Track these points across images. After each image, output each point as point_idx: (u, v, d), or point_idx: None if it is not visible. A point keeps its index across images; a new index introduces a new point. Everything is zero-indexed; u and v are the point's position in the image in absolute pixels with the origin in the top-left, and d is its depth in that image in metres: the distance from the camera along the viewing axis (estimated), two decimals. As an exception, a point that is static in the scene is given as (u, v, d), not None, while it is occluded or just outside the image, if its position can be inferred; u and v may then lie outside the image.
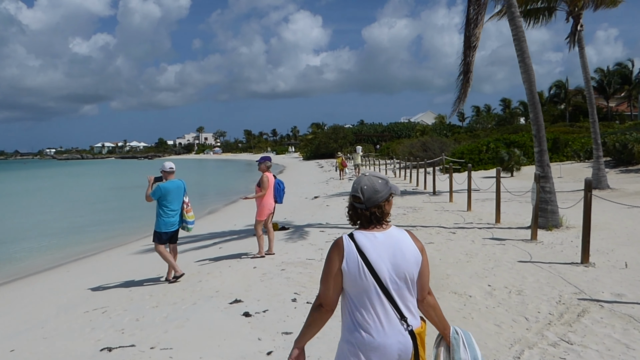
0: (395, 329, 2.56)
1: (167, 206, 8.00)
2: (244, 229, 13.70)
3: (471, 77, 11.20)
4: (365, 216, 2.64)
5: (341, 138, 72.06)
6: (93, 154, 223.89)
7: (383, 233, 2.62)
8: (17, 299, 8.95)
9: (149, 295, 7.28)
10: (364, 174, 2.75)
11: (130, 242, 15.50)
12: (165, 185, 8.01)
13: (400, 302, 2.59)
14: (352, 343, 2.58)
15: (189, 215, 8.17)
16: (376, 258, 2.56)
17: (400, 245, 2.61)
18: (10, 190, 47.72)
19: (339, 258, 2.58)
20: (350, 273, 2.55)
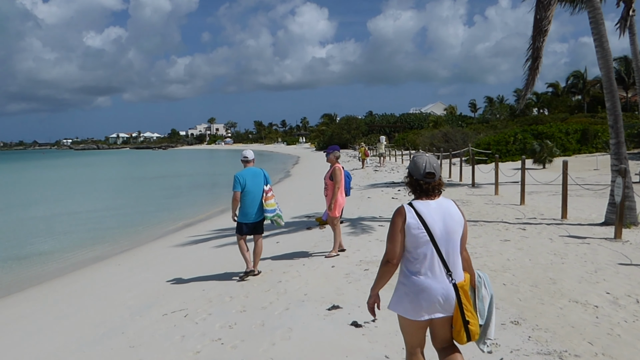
0: (441, 278, 3.15)
1: (245, 196, 7.42)
2: (291, 221, 12.95)
3: (540, 64, 10.33)
4: (426, 188, 3.23)
5: (354, 129, 71.15)
6: (108, 144, 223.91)
7: (435, 201, 3.23)
8: (76, 295, 8.26)
9: (228, 296, 6.55)
10: (423, 153, 3.22)
11: (170, 234, 14.81)
12: (242, 174, 7.49)
13: (447, 258, 3.17)
14: (406, 285, 3.20)
15: (267, 203, 7.49)
16: (431, 221, 3.15)
17: (450, 210, 3.22)
18: (38, 178, 47.22)
19: (401, 221, 3.17)
20: (410, 233, 3.14)
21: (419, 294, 3.15)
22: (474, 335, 3.27)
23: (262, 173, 7.65)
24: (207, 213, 19.18)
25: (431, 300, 3.15)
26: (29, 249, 14.13)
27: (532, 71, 10.54)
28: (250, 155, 7.75)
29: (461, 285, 3.20)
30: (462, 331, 3.24)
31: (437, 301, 3.15)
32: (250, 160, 7.69)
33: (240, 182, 7.41)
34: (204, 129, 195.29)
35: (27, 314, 7.56)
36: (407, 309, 3.20)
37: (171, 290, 7.39)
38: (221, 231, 13.30)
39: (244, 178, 7.44)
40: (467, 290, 3.23)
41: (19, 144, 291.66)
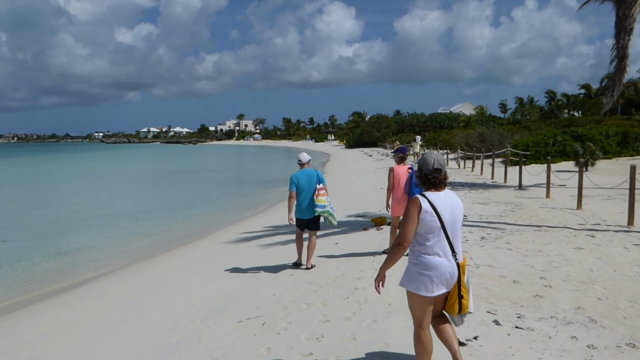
0: (448, 258, 3.59)
1: (299, 194, 7.99)
2: (344, 221, 12.53)
3: (627, 63, 9.67)
4: (434, 181, 3.67)
5: (384, 127, 70.37)
6: (139, 139, 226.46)
7: (443, 193, 3.69)
8: (135, 295, 7.96)
9: (304, 303, 6.14)
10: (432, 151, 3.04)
11: (217, 231, 14.52)
12: (296, 175, 8.06)
13: (453, 241, 3.61)
14: (419, 265, 3.61)
15: (318, 199, 7.91)
16: (442, 209, 3.58)
17: (455, 201, 3.69)
18: (74, 171, 47.72)
19: (417, 210, 3.57)
20: (426, 219, 3.55)
21: (432, 273, 3.59)
22: (464, 308, 3.78)
23: (315, 174, 8.11)
24: (251, 209, 18.90)
25: (441, 277, 3.60)
26: (73, 243, 13.99)
27: (619, 71, 9.91)
28: (305, 158, 8.26)
29: (462, 265, 3.68)
30: (456, 304, 3.73)
31: (445, 278, 3.61)
32: (304, 162, 8.21)
33: (295, 182, 7.98)
34: (232, 124, 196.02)
35: (89, 315, 7.27)
36: (419, 286, 3.62)
37: (238, 293, 7.02)
38: (272, 229, 12.96)
39: (298, 178, 7.99)
40: (465, 269, 3.71)
41: (51, 137, 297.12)
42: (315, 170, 8.22)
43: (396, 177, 8.32)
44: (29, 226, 17.26)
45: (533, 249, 8.35)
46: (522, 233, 9.74)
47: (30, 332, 6.80)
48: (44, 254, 12.69)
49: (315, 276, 7.38)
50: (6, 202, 24.81)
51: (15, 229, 16.83)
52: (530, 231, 9.95)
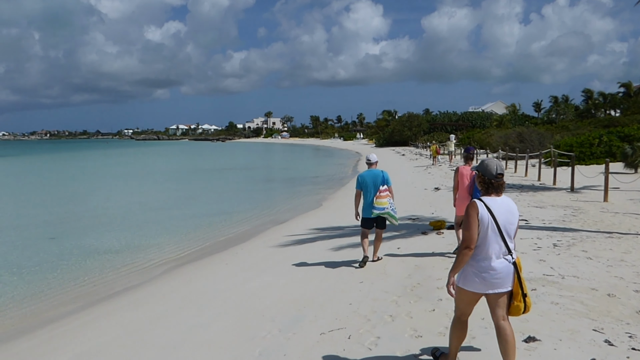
0: (504, 258, 3.85)
1: (364, 194, 8.25)
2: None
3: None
4: (496, 186, 3.91)
5: (415, 126, 69.59)
6: (168, 136, 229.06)
7: (500, 198, 3.92)
8: (198, 298, 7.70)
9: (387, 315, 5.79)
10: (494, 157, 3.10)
11: (263, 231, 14.27)
12: (362, 174, 8.36)
13: (509, 242, 3.86)
14: (476, 267, 3.87)
15: (377, 201, 8.10)
16: (497, 213, 3.84)
17: (510, 206, 3.93)
18: (111, 168, 48.25)
19: (476, 214, 3.83)
20: (482, 223, 3.81)
21: (487, 274, 3.81)
22: (528, 307, 3.91)
23: (381, 174, 8.26)
24: (292, 210, 18.64)
25: (496, 278, 3.81)
26: (121, 242, 13.88)
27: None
28: (373, 158, 8.51)
29: (518, 262, 3.89)
30: (521, 304, 3.86)
31: (499, 277, 3.81)
32: (372, 163, 8.44)
33: (360, 182, 8.31)
34: (260, 122, 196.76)
35: (155, 319, 7.04)
36: (473, 284, 3.87)
37: (309, 301, 6.71)
38: (318, 231, 12.68)
39: (364, 178, 8.27)
40: (521, 267, 3.91)
41: (83, 133, 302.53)
42: (382, 171, 8.34)
43: (460, 176, 8.33)
44: (74, 223, 17.30)
45: (614, 258, 7.86)
46: (594, 240, 9.23)
47: (97, 337, 6.60)
48: (93, 252, 12.61)
49: (389, 284, 7.04)
50: (50, 198, 25.04)
51: (62, 225, 16.86)
52: (602, 238, 9.43)
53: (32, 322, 8.02)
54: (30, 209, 21.02)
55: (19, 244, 13.88)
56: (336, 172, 35.98)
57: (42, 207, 21.80)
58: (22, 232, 15.81)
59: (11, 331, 7.76)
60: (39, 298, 9.33)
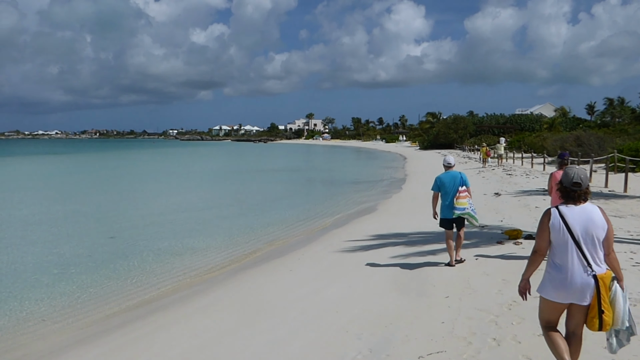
0: (580, 270, 3.68)
1: (442, 195, 8.42)
2: (469, 232, 11.52)
3: None
4: (573, 195, 3.80)
5: (461, 128, 68.16)
6: (211, 136, 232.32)
7: (579, 207, 3.78)
8: (269, 309, 7.28)
9: (490, 337, 5.21)
10: (574, 165, 3.95)
11: (323, 235, 13.81)
12: (440, 176, 8.49)
13: (587, 253, 3.69)
14: (550, 273, 3.84)
15: (458, 201, 8.23)
16: (572, 222, 3.73)
17: (591, 215, 3.75)
18: (161, 168, 48.90)
19: (547, 220, 3.81)
20: (554, 231, 3.77)
21: (560, 282, 3.73)
22: (605, 325, 3.70)
23: (459, 176, 8.44)
24: (346, 213, 18.16)
25: (568, 287, 3.70)
26: (177, 243, 13.67)
27: None
28: (452, 161, 8.70)
29: (601, 277, 3.66)
30: (595, 319, 3.69)
31: (575, 289, 3.69)
32: (451, 165, 8.60)
33: (438, 183, 8.45)
34: (302, 123, 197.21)
35: (228, 331, 6.63)
36: (549, 292, 3.82)
37: (394, 317, 6.19)
38: (382, 237, 12.13)
39: (442, 180, 8.41)
40: (606, 284, 3.67)
41: (130, 133, 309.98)
42: (460, 173, 8.54)
43: (554, 181, 8.10)
44: (129, 222, 17.29)
45: None
46: (695, 255, 8.40)
47: (171, 347, 6.26)
48: (153, 253, 12.44)
49: (480, 301, 6.45)
50: (102, 196, 25.32)
51: (119, 224, 16.86)
52: (703, 252, 8.58)
53: (100, 327, 7.79)
54: (86, 206, 21.23)
55: (79, 243, 13.87)
56: (384, 175, 35.30)
57: (97, 204, 22.01)
58: (81, 230, 15.87)
59: (79, 335, 7.54)
60: (105, 300, 9.14)
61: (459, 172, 8.58)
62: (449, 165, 8.57)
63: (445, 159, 8.76)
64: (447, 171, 8.52)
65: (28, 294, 9.46)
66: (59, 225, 16.78)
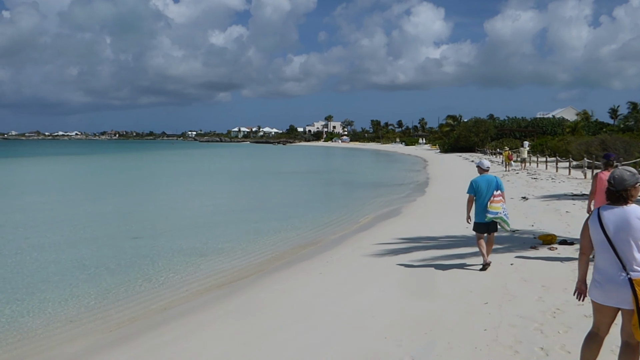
0: (615, 272, 3.66)
1: (477, 199, 8.38)
2: (500, 237, 11.29)
3: None
4: (615, 196, 3.77)
5: (482, 132, 67.42)
6: (230, 138, 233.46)
7: (621, 208, 3.74)
8: (303, 312, 7.15)
9: (537, 347, 5.02)
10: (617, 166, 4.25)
11: (350, 238, 13.66)
12: (476, 180, 8.45)
13: (623, 256, 3.63)
14: (594, 274, 3.86)
15: (491, 205, 8.22)
16: (607, 223, 3.72)
17: (627, 217, 3.67)
18: (183, 169, 49.18)
19: (587, 221, 3.90)
20: (592, 230, 3.83)
21: (599, 282, 3.77)
22: None
23: (495, 180, 8.46)
24: (370, 216, 17.99)
25: (606, 288, 3.71)
26: (204, 243, 13.64)
27: None
28: (486, 165, 8.62)
29: (637, 282, 3.56)
30: (636, 329, 3.57)
31: (611, 291, 3.68)
32: (485, 169, 8.56)
33: (474, 186, 8.40)
34: (321, 126, 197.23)
35: (262, 336, 6.48)
36: (592, 292, 3.87)
37: (431, 323, 6.02)
38: (410, 240, 11.94)
39: (478, 183, 8.38)
40: None
41: (149, 134, 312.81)
42: (495, 177, 8.57)
43: (599, 183, 8.17)
44: (152, 222, 17.33)
45: None
46: None
47: (204, 351, 6.17)
48: (179, 254, 12.40)
49: (522, 308, 6.26)
50: (124, 196, 25.49)
51: (141, 225, 16.91)
52: None
53: (128, 330, 7.72)
54: (108, 207, 21.38)
55: (103, 243, 13.90)
56: (406, 178, 35.01)
57: (119, 205, 22.15)
58: (104, 231, 15.92)
59: (107, 338, 7.47)
60: (132, 302, 9.09)
61: (494, 176, 8.64)
62: (485, 168, 8.53)
63: (481, 162, 8.72)
64: (482, 174, 8.51)
65: (53, 294, 9.45)
66: (82, 225, 16.87)
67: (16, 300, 9.14)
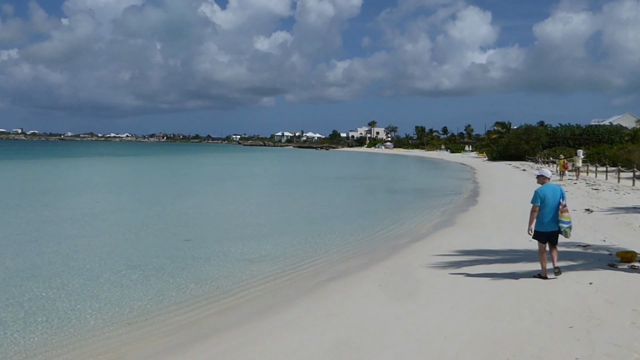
0: None
1: (542, 208, 8.31)
2: (562, 251, 10.61)
3: None
4: None
5: (533, 139, 65.35)
6: (273, 142, 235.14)
7: None
8: (367, 328, 6.75)
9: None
10: None
11: (403, 248, 13.15)
12: (542, 189, 8.43)
13: None
14: None
15: (564, 215, 8.25)
16: None
17: None
18: (234, 172, 49.63)
19: None
20: None
21: None
22: None
23: (559, 189, 8.48)
24: (423, 225, 17.41)
25: None
26: (257, 248, 13.40)
27: None
28: (549, 174, 8.77)
29: None
30: None
31: None
32: (548, 178, 8.67)
33: (540, 196, 8.35)
34: (364, 131, 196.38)
35: (326, 349, 6.14)
36: None
37: (516, 348, 5.50)
38: (471, 253, 11.38)
39: (544, 193, 8.35)
40: None
41: (195, 137, 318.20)
42: (559, 186, 8.60)
43: None
44: (202, 225, 17.28)
45: None
46: None
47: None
48: (231, 258, 12.21)
49: (616, 335, 5.67)
50: (172, 198, 25.66)
51: (192, 227, 16.89)
52: None
53: (187, 335, 7.50)
54: (158, 207, 21.52)
55: (156, 245, 13.87)
56: (455, 186, 34.10)
57: (169, 206, 22.26)
58: (157, 232, 15.96)
59: (166, 343, 7.27)
60: (188, 305, 8.91)
61: (558, 185, 8.77)
62: (549, 177, 8.68)
63: (544, 171, 8.83)
64: (546, 184, 8.55)
65: (110, 295, 9.39)
66: (134, 225, 16.97)
67: (73, 299, 9.11)
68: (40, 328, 7.77)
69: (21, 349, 7.04)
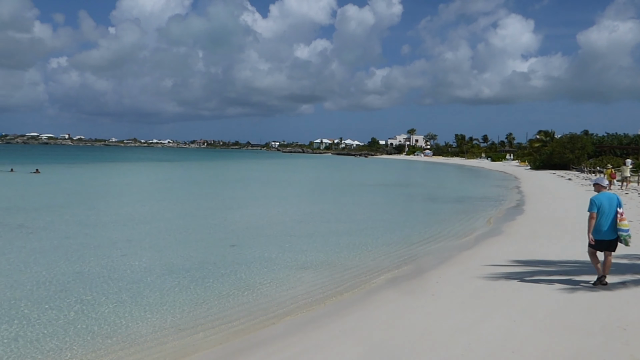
0: None
1: (599, 216, 8.33)
2: (626, 263, 10.07)
3: None
4: None
5: (579, 148, 63.45)
6: (312, 149, 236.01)
7: None
8: (427, 339, 6.49)
9: None
10: None
11: (453, 257, 12.77)
12: (599, 197, 8.51)
13: None
14: None
15: (622, 223, 8.23)
16: None
17: None
18: (277, 178, 49.91)
19: None
20: None
21: None
22: None
23: (615, 197, 8.52)
24: (470, 234, 16.95)
25: None
26: (301, 254, 13.26)
27: None
28: (605, 182, 8.97)
29: None
30: None
31: None
32: (604, 186, 8.85)
33: (597, 204, 8.41)
34: (403, 139, 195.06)
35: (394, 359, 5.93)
36: None
37: None
38: (525, 264, 10.97)
39: (601, 201, 8.42)
40: None
41: (234, 144, 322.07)
42: (615, 194, 8.67)
43: None
44: (245, 230, 17.26)
45: None
46: None
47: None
48: (279, 265, 12.10)
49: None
50: (214, 203, 25.83)
51: (236, 232, 16.88)
52: None
53: (240, 343, 7.37)
54: (202, 212, 21.65)
55: (204, 250, 13.88)
56: (498, 195, 33.28)
57: (212, 211, 22.38)
58: (200, 237, 15.98)
59: (222, 350, 7.14)
60: (239, 312, 8.80)
61: (614, 194, 8.81)
62: (605, 185, 8.87)
63: (599, 180, 9.00)
64: (602, 192, 8.68)
65: (160, 299, 9.36)
66: (179, 230, 17.10)
67: (122, 304, 9.11)
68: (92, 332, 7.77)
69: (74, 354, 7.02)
